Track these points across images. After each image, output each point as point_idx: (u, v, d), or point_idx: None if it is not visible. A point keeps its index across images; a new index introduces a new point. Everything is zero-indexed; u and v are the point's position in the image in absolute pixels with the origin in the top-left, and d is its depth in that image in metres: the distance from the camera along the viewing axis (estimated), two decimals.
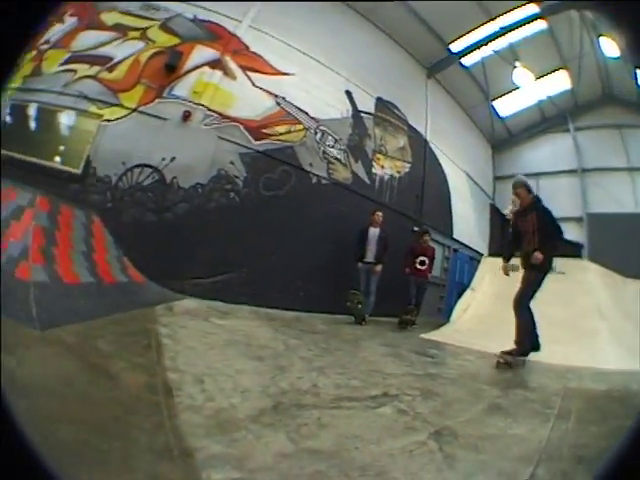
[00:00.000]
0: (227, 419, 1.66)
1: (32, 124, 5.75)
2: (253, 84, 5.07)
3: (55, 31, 6.09)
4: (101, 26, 5.62)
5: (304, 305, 4.98)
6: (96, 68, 5.25)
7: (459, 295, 6.07)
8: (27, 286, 2.97)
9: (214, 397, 1.86)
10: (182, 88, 4.97)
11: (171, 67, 4.95)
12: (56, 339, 2.34)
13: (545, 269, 3.30)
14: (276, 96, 5.08)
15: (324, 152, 5.19)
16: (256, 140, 4.93)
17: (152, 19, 5.49)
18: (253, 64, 5.20)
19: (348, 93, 5.48)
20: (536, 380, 2.76)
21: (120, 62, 5.19)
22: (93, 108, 5.02)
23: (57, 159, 5.36)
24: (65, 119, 5.39)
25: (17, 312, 2.51)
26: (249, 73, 5.14)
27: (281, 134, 4.98)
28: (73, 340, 2.40)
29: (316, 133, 5.20)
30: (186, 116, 4.82)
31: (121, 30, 5.45)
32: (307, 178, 5.07)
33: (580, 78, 6.75)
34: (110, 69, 5.17)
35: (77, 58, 5.43)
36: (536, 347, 3.29)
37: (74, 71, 5.31)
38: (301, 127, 5.11)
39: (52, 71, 5.51)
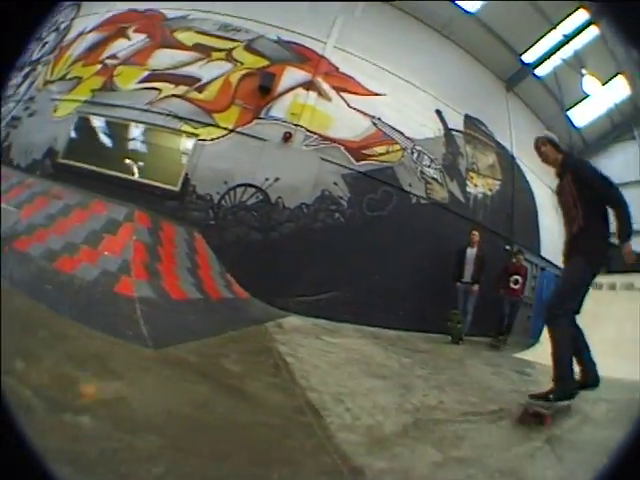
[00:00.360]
0: (379, 436, 1.95)
1: (111, 138, 6.19)
2: (348, 105, 5.75)
3: (120, 47, 6.68)
4: (179, 46, 6.27)
5: (403, 324, 5.48)
6: (182, 88, 5.79)
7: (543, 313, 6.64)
8: (131, 302, 3.16)
9: (359, 416, 2.16)
10: (279, 109, 5.61)
11: (266, 89, 5.59)
12: (176, 359, 2.44)
13: (593, 258, 2.47)
14: (372, 117, 5.76)
15: (421, 172, 5.89)
16: (357, 161, 5.59)
17: (234, 40, 6.18)
18: (345, 85, 5.90)
19: (438, 112, 6.26)
20: (614, 394, 3.23)
21: (209, 83, 5.82)
22: (186, 127, 5.52)
23: (137, 174, 5.74)
24: (153, 136, 5.83)
25: (123, 329, 2.64)
26: (342, 94, 5.76)
27: (380, 154, 5.67)
28: (196, 360, 2.53)
29: (413, 153, 5.91)
30: (287, 137, 5.42)
31: (203, 51, 6.10)
32: (407, 198, 5.73)
33: (635, 83, 7.71)
34: (199, 89, 5.76)
35: (159, 76, 6.02)
36: (593, 382, 2.55)
37: (158, 89, 5.86)
38: (398, 147, 5.82)
39: (130, 88, 6.11)
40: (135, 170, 6.00)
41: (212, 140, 5.69)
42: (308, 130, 5.75)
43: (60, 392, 1.65)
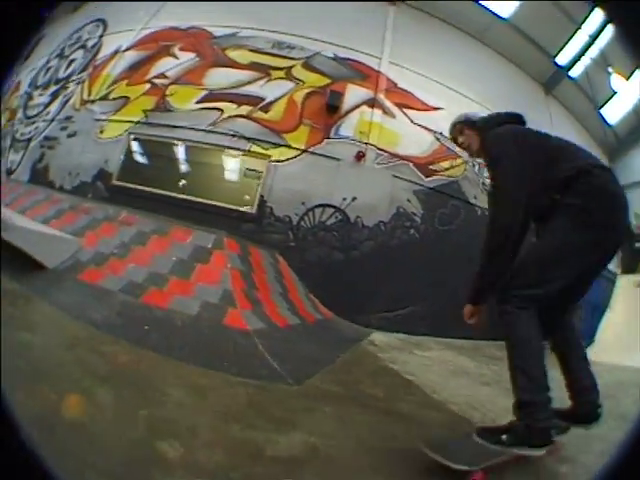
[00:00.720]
0: None
1: (170, 160, 6.24)
2: (412, 121, 5.98)
3: (168, 65, 6.76)
4: (234, 64, 6.43)
5: (471, 333, 5.73)
6: (246, 107, 5.89)
7: (594, 314, 7.13)
8: (249, 336, 3.14)
9: (495, 418, 2.41)
10: (347, 128, 5.85)
11: (333, 107, 5.77)
12: (323, 393, 2.44)
13: (579, 215, 1.64)
14: (435, 132, 6.05)
15: (483, 184, 6.21)
16: (426, 177, 5.87)
17: (290, 58, 6.29)
18: (406, 101, 6.18)
19: None
20: None
21: (274, 102, 5.95)
22: (256, 148, 5.61)
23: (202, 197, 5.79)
24: (218, 158, 5.90)
25: (255, 368, 2.57)
26: (405, 110, 6.03)
27: (446, 169, 5.97)
28: (340, 390, 2.57)
29: (474, 165, 6.20)
30: (360, 156, 5.65)
31: (261, 69, 6.25)
32: (473, 211, 6.08)
33: None
34: (264, 109, 5.88)
35: (218, 96, 6.13)
36: (586, 416, 1.83)
37: (220, 110, 5.88)
38: (461, 161, 6.12)
39: (188, 108, 6.20)
40: (199, 192, 6.00)
41: (285, 161, 5.81)
42: (378, 148, 5.98)
43: (249, 466, 1.38)
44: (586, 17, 7.76)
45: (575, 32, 8.05)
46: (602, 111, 8.86)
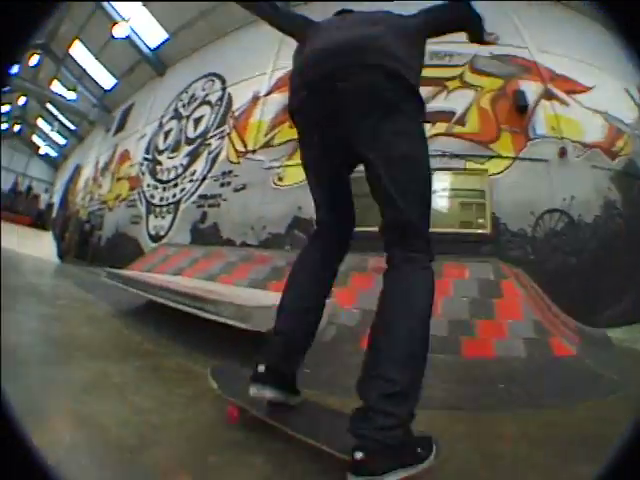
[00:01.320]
0: None
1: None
2: (582, 106, 6.14)
3: None
4: None
5: None
6: (442, 124, 5.85)
7: None
8: (579, 360, 3.09)
9: None
10: (539, 125, 5.83)
11: (524, 108, 5.78)
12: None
13: None
14: (603, 112, 6.28)
15: None
16: (612, 160, 6.06)
17: (454, 66, 6.18)
18: (570, 87, 6.37)
19: (627, 90, 6.83)
20: None
21: (465, 114, 5.84)
22: (470, 164, 5.58)
23: None
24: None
25: (604, 390, 2.41)
26: (572, 96, 6.17)
27: (621, 149, 6.22)
28: None
29: (636, 139, 6.52)
30: (563, 152, 5.76)
31: (435, 83, 6.27)
32: None
33: None
34: (460, 122, 5.77)
35: None
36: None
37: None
38: (628, 136, 6.40)
39: None
40: None
41: (502, 172, 5.80)
42: (572, 140, 6.11)
43: None
44: None
45: None
46: None
